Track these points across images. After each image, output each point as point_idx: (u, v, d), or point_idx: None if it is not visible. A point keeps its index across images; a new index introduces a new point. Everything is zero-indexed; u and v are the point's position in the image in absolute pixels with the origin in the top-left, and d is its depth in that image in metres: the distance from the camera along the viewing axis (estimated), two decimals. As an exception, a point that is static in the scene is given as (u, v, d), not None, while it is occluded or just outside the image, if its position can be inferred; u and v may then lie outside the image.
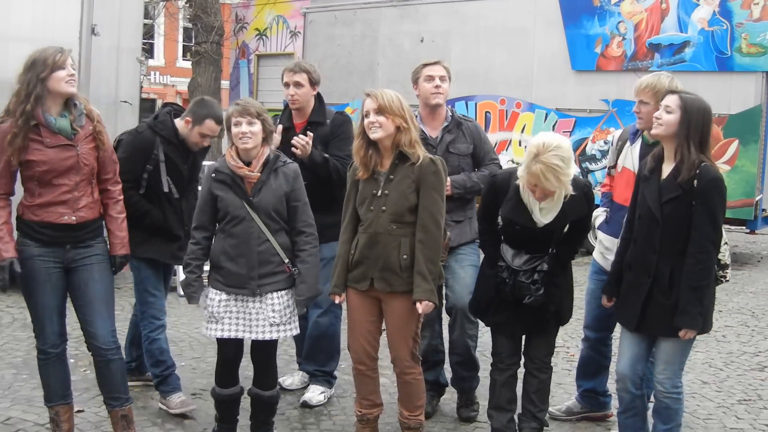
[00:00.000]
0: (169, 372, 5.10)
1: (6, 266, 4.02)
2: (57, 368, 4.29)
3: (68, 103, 4.11)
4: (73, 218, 4.11)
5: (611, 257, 4.75)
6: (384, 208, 4.21)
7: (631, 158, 4.79)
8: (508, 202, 4.30)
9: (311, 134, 5.03)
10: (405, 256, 4.20)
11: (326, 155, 5.07)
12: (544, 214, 4.25)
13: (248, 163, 4.25)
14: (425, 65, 5.09)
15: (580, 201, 4.27)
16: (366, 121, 4.20)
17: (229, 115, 4.26)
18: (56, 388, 4.30)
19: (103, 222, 4.31)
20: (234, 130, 4.22)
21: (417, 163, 4.18)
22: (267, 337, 4.28)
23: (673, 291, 4.06)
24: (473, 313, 4.74)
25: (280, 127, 5.17)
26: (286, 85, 5.21)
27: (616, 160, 4.94)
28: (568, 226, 4.35)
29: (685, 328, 4.03)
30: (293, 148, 4.94)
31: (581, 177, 4.46)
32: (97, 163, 4.20)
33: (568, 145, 4.13)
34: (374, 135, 4.18)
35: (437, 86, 4.99)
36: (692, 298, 4.01)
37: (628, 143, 4.87)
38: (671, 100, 4.10)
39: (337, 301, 4.42)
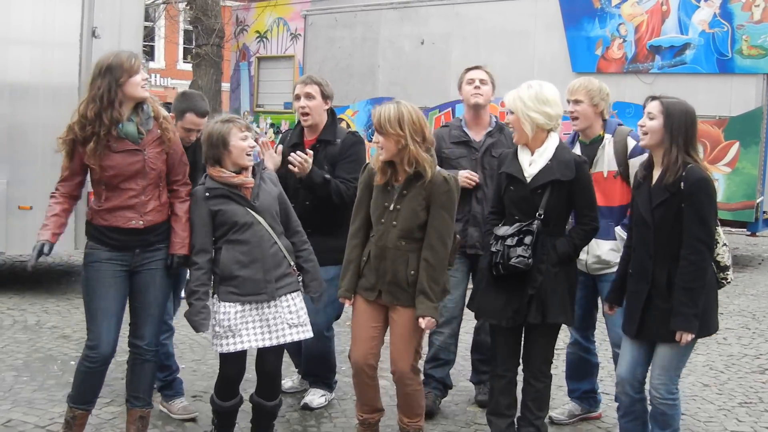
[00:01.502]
0: (173, 377, 5.10)
1: (37, 246, 4.05)
2: (97, 379, 4.29)
3: (137, 106, 4.14)
4: (141, 222, 4.14)
5: (583, 257, 4.79)
6: (395, 223, 4.22)
7: None
8: (505, 162, 4.43)
9: (311, 152, 4.91)
10: (412, 272, 4.22)
11: (327, 176, 4.92)
12: (532, 167, 4.30)
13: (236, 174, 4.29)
14: (467, 70, 5.26)
15: (568, 163, 4.31)
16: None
17: (228, 129, 4.21)
18: (86, 395, 4.30)
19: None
20: (243, 144, 4.23)
21: (427, 180, 4.18)
22: (288, 339, 4.28)
23: (671, 295, 4.05)
24: (467, 305, 4.66)
25: (280, 147, 5.05)
26: (297, 97, 5.09)
27: None
28: (570, 209, 4.39)
29: (680, 330, 4.01)
30: (290, 165, 4.83)
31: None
32: (166, 166, 4.23)
33: (547, 87, 4.32)
34: (381, 156, 4.21)
35: (477, 87, 5.14)
36: (686, 300, 4.00)
37: None
38: (653, 106, 4.13)
39: (347, 305, 4.42)
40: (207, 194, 4.23)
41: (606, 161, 4.80)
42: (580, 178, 4.32)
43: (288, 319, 4.27)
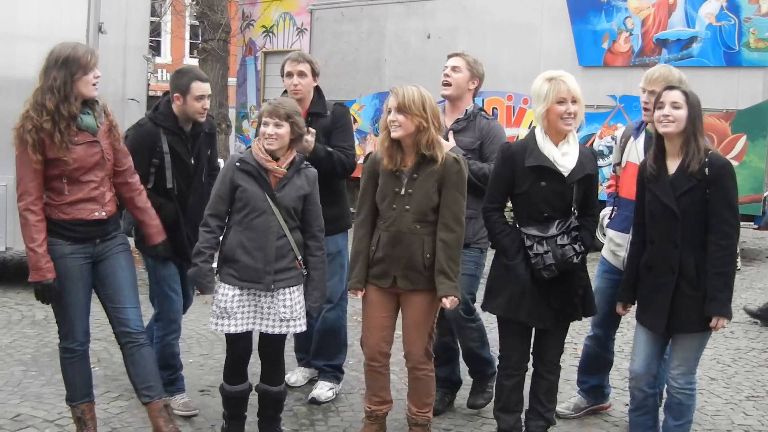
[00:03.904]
0: (177, 375, 5.11)
1: (51, 285, 4.07)
2: (82, 366, 4.31)
3: (88, 101, 4.13)
4: (103, 213, 4.16)
5: (622, 254, 4.75)
6: (408, 207, 4.22)
7: (635, 152, 4.81)
8: (530, 155, 4.24)
9: (313, 130, 4.97)
10: (428, 255, 4.23)
11: (329, 149, 5.02)
12: (566, 159, 4.23)
13: (275, 159, 4.27)
14: (448, 57, 5.15)
15: (590, 157, 4.33)
16: (388, 117, 4.21)
17: (260, 112, 4.31)
18: (81, 387, 4.32)
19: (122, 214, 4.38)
20: (261, 129, 4.25)
21: (439, 164, 4.20)
22: (276, 331, 4.30)
23: (701, 283, 4.06)
24: (503, 312, 4.38)
25: (312, 131, 4.97)
26: (289, 74, 5.16)
27: (621, 157, 4.95)
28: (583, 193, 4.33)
29: (716, 316, 4.04)
30: None
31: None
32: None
33: None
34: (394, 134, 4.20)
35: (446, 75, 5.05)
36: (720, 285, 4.03)
37: (631, 139, 4.89)
38: (677, 96, 4.11)
39: (358, 296, 4.41)
40: (238, 164, 4.27)
41: None
42: (597, 172, 4.37)
43: (281, 312, 4.27)
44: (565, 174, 4.21)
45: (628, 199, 4.71)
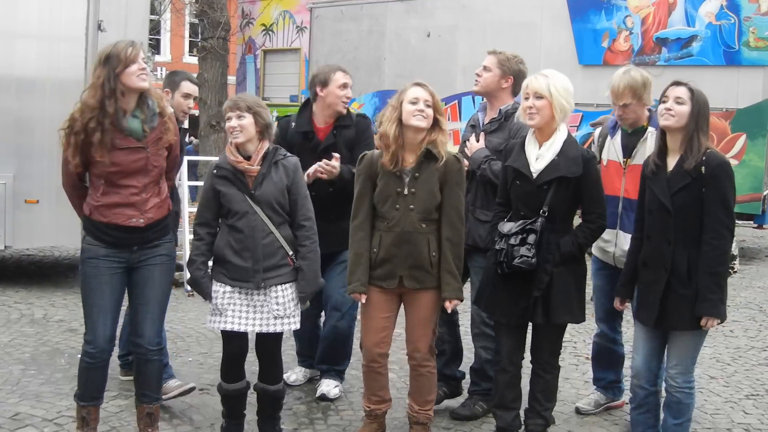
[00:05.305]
0: (165, 362, 5.11)
1: None
2: (98, 374, 4.26)
3: (141, 99, 4.08)
4: (141, 221, 4.09)
5: (611, 249, 4.82)
6: (412, 206, 4.23)
7: (614, 149, 4.87)
8: (512, 154, 4.37)
9: (337, 155, 5.00)
10: (434, 254, 4.25)
11: (354, 169, 4.95)
12: (538, 161, 4.26)
13: (248, 158, 4.28)
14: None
15: (575, 159, 4.26)
16: (413, 107, 4.20)
17: (223, 111, 4.34)
18: (92, 391, 4.28)
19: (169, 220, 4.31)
20: (226, 125, 4.28)
21: (442, 162, 4.23)
22: (270, 329, 4.29)
23: (692, 281, 4.05)
24: (475, 302, 4.71)
25: (336, 155, 5.02)
26: (344, 86, 5.25)
27: (600, 156, 4.96)
28: (576, 204, 4.35)
29: (706, 316, 4.02)
30: (319, 174, 4.94)
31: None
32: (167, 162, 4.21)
33: (564, 77, 4.32)
34: (419, 123, 4.20)
35: (477, 75, 5.11)
36: (711, 285, 4.01)
37: (608, 137, 4.94)
38: (682, 92, 4.09)
39: (362, 300, 4.37)
40: (215, 171, 4.31)
41: (646, 154, 4.59)
42: (587, 175, 4.28)
43: (274, 310, 4.27)
44: (534, 176, 4.25)
45: (612, 196, 4.74)
